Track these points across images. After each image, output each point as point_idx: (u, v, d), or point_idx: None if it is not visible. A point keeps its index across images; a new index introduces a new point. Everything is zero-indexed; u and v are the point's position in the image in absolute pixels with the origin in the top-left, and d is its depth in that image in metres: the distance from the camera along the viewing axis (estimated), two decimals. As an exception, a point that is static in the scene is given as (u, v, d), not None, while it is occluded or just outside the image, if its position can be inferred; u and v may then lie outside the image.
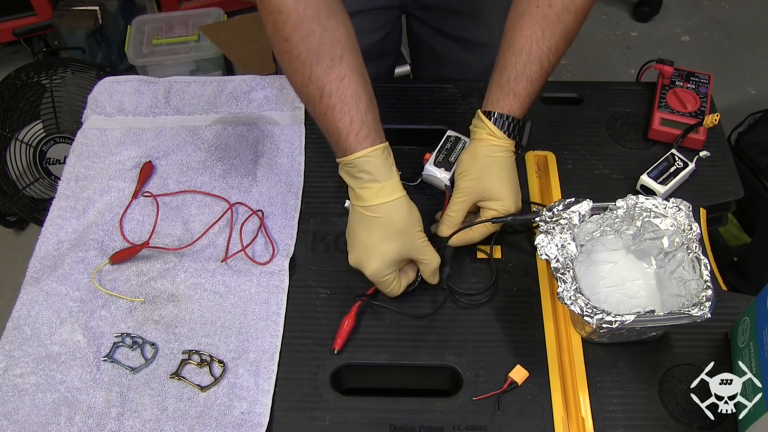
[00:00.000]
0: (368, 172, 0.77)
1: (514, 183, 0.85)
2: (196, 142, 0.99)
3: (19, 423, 0.75)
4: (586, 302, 0.72)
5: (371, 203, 0.77)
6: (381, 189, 0.77)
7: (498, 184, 0.84)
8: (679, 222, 0.78)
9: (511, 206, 0.84)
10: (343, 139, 0.76)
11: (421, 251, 0.80)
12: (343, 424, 0.75)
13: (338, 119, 0.76)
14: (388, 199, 0.77)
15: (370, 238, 0.78)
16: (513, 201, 0.84)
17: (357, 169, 0.77)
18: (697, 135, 0.95)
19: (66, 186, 0.95)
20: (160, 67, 2.07)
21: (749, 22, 2.45)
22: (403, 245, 0.78)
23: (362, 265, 0.79)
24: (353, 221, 0.81)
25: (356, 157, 0.76)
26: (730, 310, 0.81)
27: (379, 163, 0.77)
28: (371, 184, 0.77)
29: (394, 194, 0.78)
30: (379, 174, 0.77)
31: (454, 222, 0.85)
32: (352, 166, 0.77)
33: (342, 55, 0.76)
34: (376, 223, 0.78)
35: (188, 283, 0.85)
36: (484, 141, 0.84)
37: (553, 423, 0.74)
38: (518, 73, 0.82)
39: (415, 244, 0.79)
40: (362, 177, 0.77)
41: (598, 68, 2.32)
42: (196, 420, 0.75)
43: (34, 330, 0.82)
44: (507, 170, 0.84)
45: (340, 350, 0.79)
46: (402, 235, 0.78)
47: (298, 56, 0.75)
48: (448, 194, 0.90)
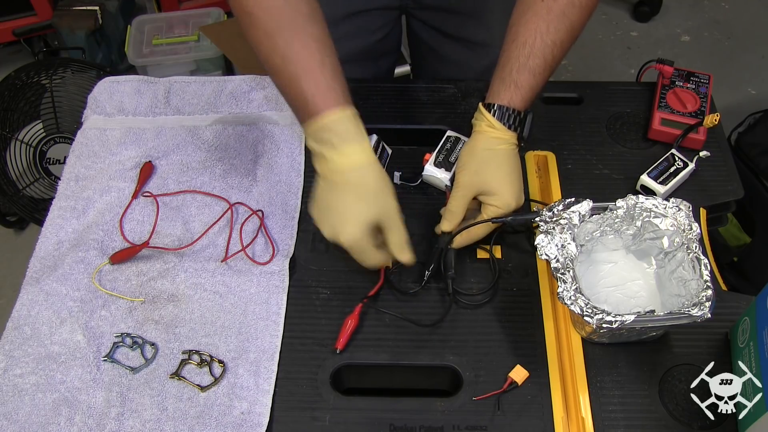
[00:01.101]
0: (339, 135, 0.74)
1: (515, 177, 0.83)
2: (196, 142, 0.99)
3: (19, 423, 0.75)
4: (586, 302, 0.72)
5: (344, 166, 0.75)
6: (353, 152, 0.75)
7: (496, 178, 0.82)
8: (679, 222, 0.78)
9: (511, 201, 0.82)
10: (311, 103, 0.74)
11: (395, 217, 0.77)
12: (343, 424, 0.75)
13: (304, 85, 0.74)
14: (362, 162, 0.75)
15: (344, 203, 0.75)
16: (512, 195, 0.82)
17: (328, 132, 0.74)
18: (697, 135, 0.95)
19: (66, 186, 0.95)
20: (160, 67, 2.07)
21: (749, 22, 2.45)
22: (378, 208, 0.76)
23: (338, 232, 0.75)
24: (322, 191, 0.77)
25: (328, 119, 0.74)
26: (730, 310, 0.81)
27: (351, 125, 0.75)
28: (343, 146, 0.74)
29: (367, 157, 0.76)
30: (351, 136, 0.75)
31: (454, 217, 0.83)
32: (324, 130, 0.74)
33: (304, 25, 0.75)
34: (349, 186, 0.75)
35: (188, 283, 0.85)
36: (484, 134, 0.83)
37: (553, 423, 0.74)
38: (521, 65, 0.81)
39: (389, 208, 0.77)
40: (332, 140, 0.74)
41: (598, 68, 2.32)
42: (196, 420, 0.75)
43: (34, 330, 0.82)
44: (507, 164, 0.83)
45: (343, 350, 0.79)
46: (376, 198, 0.76)
47: (261, 28, 0.75)
48: (448, 194, 0.90)
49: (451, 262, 0.84)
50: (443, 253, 0.84)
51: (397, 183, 0.94)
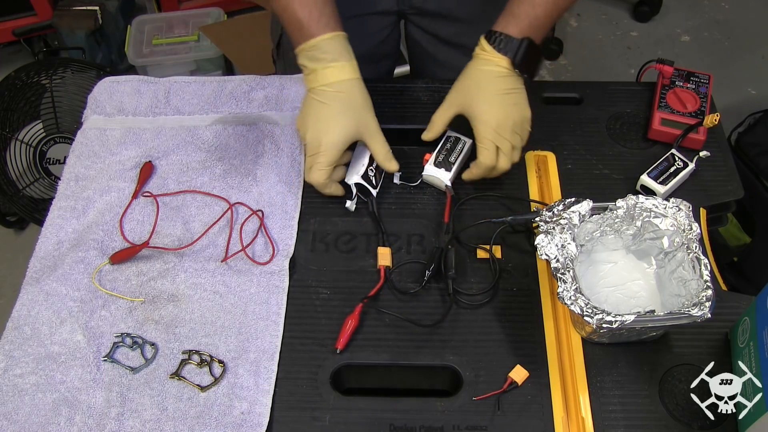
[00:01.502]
0: (330, 53, 0.84)
1: (497, 99, 0.85)
2: (196, 142, 0.99)
3: (19, 423, 0.75)
4: (586, 302, 0.72)
5: (333, 80, 0.84)
6: (342, 68, 0.84)
7: (477, 97, 0.86)
8: (679, 222, 0.78)
9: (489, 120, 0.84)
10: (305, 26, 0.83)
11: (377, 130, 0.87)
12: (343, 424, 0.75)
13: (299, 11, 0.83)
14: (350, 77, 0.85)
15: (330, 112, 0.84)
16: (492, 115, 0.84)
17: (320, 51, 0.84)
18: (697, 135, 0.95)
19: (66, 186, 0.95)
20: (160, 67, 2.07)
21: (749, 22, 2.45)
22: (360, 121, 0.86)
23: (320, 137, 0.84)
24: (311, 103, 0.86)
25: (321, 40, 0.83)
26: (730, 310, 0.81)
27: (341, 46, 0.85)
28: (333, 63, 0.84)
29: (355, 74, 0.85)
30: (341, 55, 0.84)
31: (434, 127, 0.90)
32: (316, 49, 0.84)
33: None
34: (337, 98, 0.84)
35: (188, 283, 0.85)
36: (476, 57, 0.88)
37: (553, 423, 0.74)
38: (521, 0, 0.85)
39: (371, 121, 0.87)
40: (324, 58, 0.84)
41: (598, 68, 2.32)
42: (196, 420, 0.75)
43: (34, 330, 0.82)
44: (492, 84, 0.86)
45: (343, 349, 0.79)
46: (360, 111, 0.85)
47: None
48: (449, 195, 0.90)
49: (451, 262, 0.84)
50: (443, 253, 0.84)
51: (397, 183, 0.94)
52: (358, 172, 0.89)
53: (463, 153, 0.92)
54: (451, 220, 0.89)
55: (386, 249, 0.87)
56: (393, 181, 0.94)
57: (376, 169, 0.91)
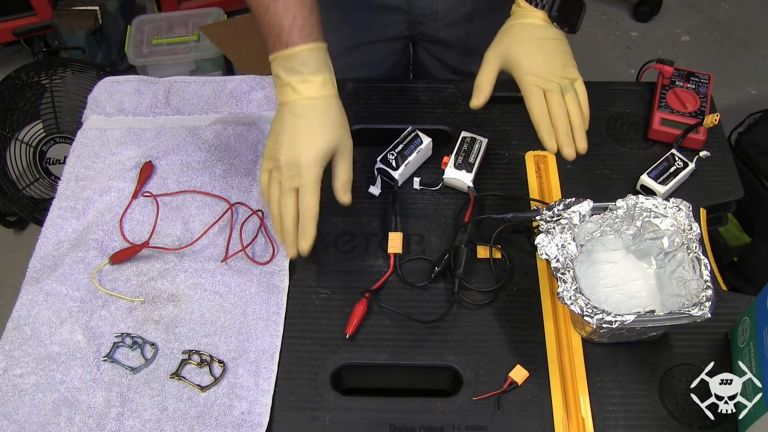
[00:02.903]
0: (309, 66, 0.77)
1: (542, 47, 0.82)
2: (196, 142, 0.99)
3: (19, 423, 0.75)
4: (586, 302, 0.72)
5: (313, 95, 0.78)
6: (323, 83, 0.78)
7: (519, 48, 0.82)
8: (679, 222, 0.78)
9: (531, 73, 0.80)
10: (286, 33, 0.77)
11: (349, 151, 0.80)
12: (343, 424, 0.75)
13: (281, 15, 0.77)
14: (329, 93, 0.79)
15: (310, 127, 0.77)
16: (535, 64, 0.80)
17: (299, 63, 0.77)
18: (697, 135, 0.95)
19: (66, 186, 0.95)
20: (160, 67, 2.07)
21: (749, 22, 2.45)
22: (339, 137, 0.79)
23: (298, 155, 0.77)
24: (285, 119, 0.79)
25: (301, 50, 0.77)
26: (730, 310, 0.81)
27: (321, 59, 0.78)
28: (313, 77, 0.78)
29: (333, 89, 0.79)
30: (320, 69, 0.78)
31: (481, 91, 0.83)
32: (295, 60, 0.77)
33: None
34: (316, 112, 0.78)
35: (188, 283, 0.85)
36: (513, 13, 0.85)
37: (553, 423, 0.74)
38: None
39: (347, 140, 0.80)
40: (303, 71, 0.77)
41: (598, 68, 2.32)
42: (196, 420, 0.75)
43: (34, 330, 0.82)
44: (531, 36, 0.82)
45: (352, 335, 0.80)
46: (338, 127, 0.79)
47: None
48: (471, 195, 0.90)
49: (461, 262, 0.84)
50: (456, 251, 0.84)
51: (417, 189, 0.94)
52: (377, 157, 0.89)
53: (481, 152, 0.92)
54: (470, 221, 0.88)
55: (398, 234, 0.87)
56: (412, 186, 0.94)
57: (397, 153, 0.92)
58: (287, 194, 0.78)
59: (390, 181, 0.91)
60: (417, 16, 1.05)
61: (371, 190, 0.93)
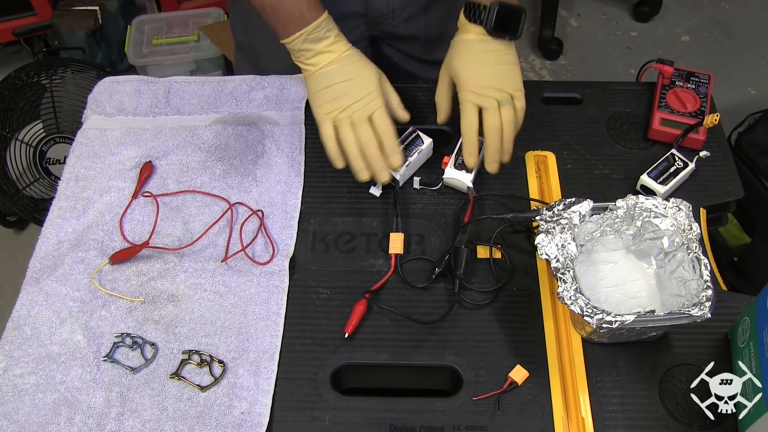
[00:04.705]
0: (333, 29, 0.87)
1: (480, 61, 0.87)
2: (196, 142, 0.99)
3: (19, 423, 0.75)
4: (586, 302, 0.72)
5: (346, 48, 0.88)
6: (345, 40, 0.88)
7: (459, 65, 0.87)
8: (679, 222, 0.78)
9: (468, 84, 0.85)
10: (306, 12, 0.85)
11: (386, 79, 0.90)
12: (343, 424, 0.75)
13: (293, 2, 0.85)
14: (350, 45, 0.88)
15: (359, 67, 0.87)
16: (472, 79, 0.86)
17: (324, 30, 0.86)
18: (697, 135, 0.95)
19: (66, 186, 0.95)
20: (160, 67, 2.07)
21: (749, 22, 2.45)
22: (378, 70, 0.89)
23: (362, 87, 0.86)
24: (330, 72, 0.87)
25: (322, 20, 0.86)
26: (730, 310, 0.81)
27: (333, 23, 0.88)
28: (339, 37, 0.88)
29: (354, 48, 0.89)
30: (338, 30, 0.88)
31: (440, 108, 0.94)
32: (320, 29, 0.86)
33: None
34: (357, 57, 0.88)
35: (188, 283, 0.85)
36: (458, 29, 0.90)
37: (553, 423, 0.74)
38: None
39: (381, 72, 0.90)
40: (330, 35, 0.87)
41: (598, 68, 2.32)
42: (196, 420, 0.75)
43: (34, 330, 0.82)
44: (471, 51, 0.87)
45: (351, 335, 0.80)
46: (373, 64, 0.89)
47: None
48: (471, 196, 0.90)
49: (461, 262, 0.84)
50: (456, 251, 0.84)
51: (416, 188, 0.94)
52: None
53: (481, 152, 0.92)
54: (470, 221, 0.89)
55: (399, 234, 0.87)
56: (413, 186, 0.94)
57: None
58: (362, 126, 0.85)
59: (391, 181, 0.91)
60: (375, 17, 1.08)
61: (372, 190, 0.93)
